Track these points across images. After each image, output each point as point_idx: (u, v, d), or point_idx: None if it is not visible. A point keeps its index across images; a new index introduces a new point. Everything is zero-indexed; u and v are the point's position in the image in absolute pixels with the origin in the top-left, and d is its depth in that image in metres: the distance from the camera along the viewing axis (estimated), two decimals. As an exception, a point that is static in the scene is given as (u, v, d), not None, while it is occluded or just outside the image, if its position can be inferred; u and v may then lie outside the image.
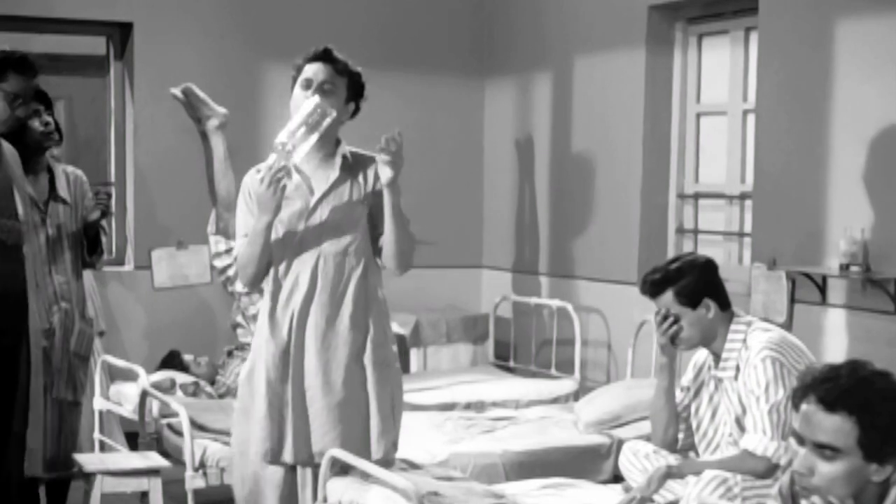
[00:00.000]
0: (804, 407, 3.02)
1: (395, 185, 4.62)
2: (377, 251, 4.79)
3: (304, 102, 4.64)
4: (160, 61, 8.27)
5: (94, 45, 8.58)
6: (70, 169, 5.95)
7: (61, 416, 5.69)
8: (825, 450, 2.97)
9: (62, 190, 5.76)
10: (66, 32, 8.48)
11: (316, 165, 4.76)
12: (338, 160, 4.78)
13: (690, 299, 4.78)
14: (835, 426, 2.96)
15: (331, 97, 4.71)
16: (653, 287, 4.86)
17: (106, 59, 8.55)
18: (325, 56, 4.81)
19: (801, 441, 3.03)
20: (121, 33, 8.43)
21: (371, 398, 4.75)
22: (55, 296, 5.66)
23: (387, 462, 4.78)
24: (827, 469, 2.98)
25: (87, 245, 5.83)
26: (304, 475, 4.74)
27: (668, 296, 4.80)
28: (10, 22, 8.07)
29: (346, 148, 4.85)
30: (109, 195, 5.92)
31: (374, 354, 4.77)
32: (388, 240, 4.70)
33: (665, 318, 4.83)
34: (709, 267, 4.90)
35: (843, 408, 2.96)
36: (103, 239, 5.93)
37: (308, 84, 4.74)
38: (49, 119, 5.76)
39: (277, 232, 4.71)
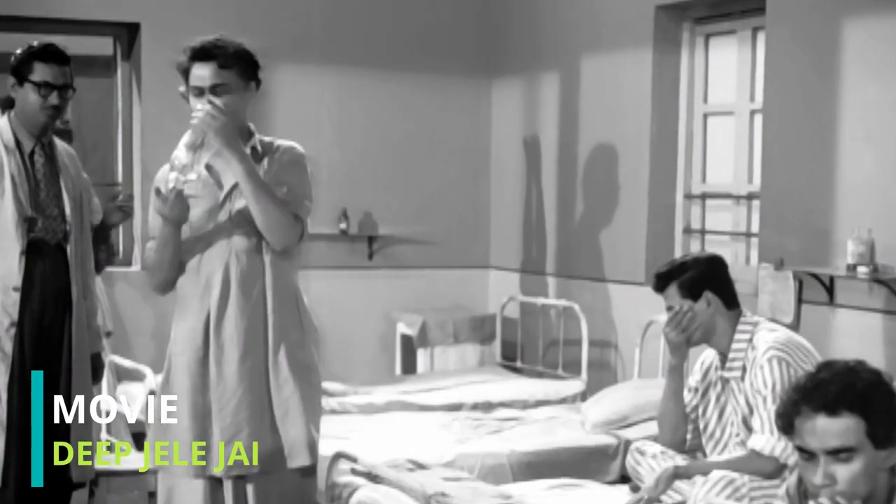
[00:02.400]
0: (805, 423, 3.01)
1: (229, 151, 4.35)
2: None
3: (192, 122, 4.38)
4: (167, 62, 8.20)
5: (101, 45, 8.59)
6: None
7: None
8: (841, 453, 2.97)
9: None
10: (72, 33, 8.45)
11: (227, 159, 4.42)
12: (247, 152, 4.47)
13: (691, 291, 4.81)
14: (843, 427, 2.96)
15: (226, 95, 4.44)
16: (658, 281, 4.91)
17: (113, 60, 8.56)
18: (206, 54, 4.48)
19: (809, 456, 3.02)
20: (128, 34, 8.44)
21: (296, 404, 4.47)
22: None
23: (313, 468, 4.57)
24: (847, 471, 2.97)
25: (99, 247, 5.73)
26: (229, 487, 4.46)
27: (672, 289, 4.84)
28: (17, 22, 8.08)
29: (257, 139, 4.58)
30: (132, 197, 5.76)
31: (294, 357, 4.49)
32: (252, 213, 4.40)
33: (676, 314, 4.84)
34: (714, 262, 4.95)
35: (844, 407, 2.96)
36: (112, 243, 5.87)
37: (199, 92, 4.45)
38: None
39: (185, 233, 4.48)
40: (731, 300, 4.88)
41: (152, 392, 6.32)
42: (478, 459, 6.17)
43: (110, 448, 6.78)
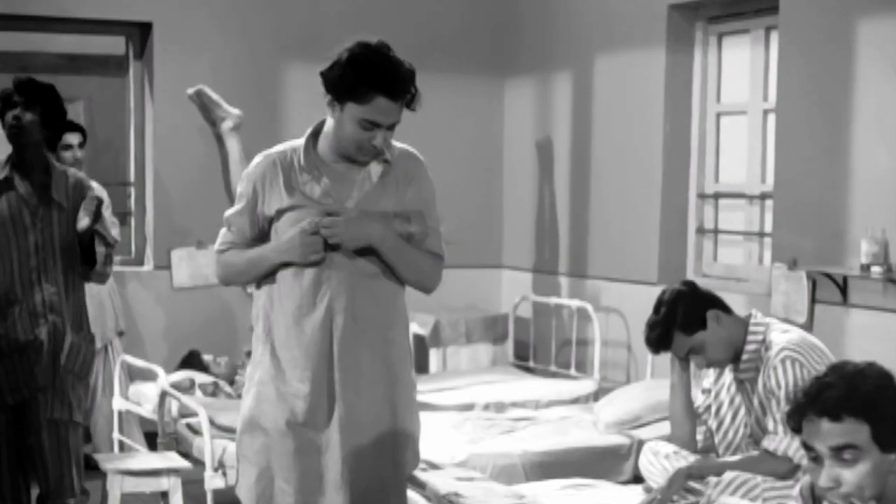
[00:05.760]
0: (809, 426, 3.00)
1: (380, 245, 4.04)
2: None
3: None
4: (179, 61, 8.28)
5: (114, 44, 8.59)
6: (72, 171, 5.46)
7: (58, 438, 5.23)
8: (845, 451, 2.96)
9: (57, 193, 5.26)
10: (85, 32, 8.49)
11: (346, 167, 4.08)
12: (374, 165, 4.10)
13: (696, 324, 4.75)
14: (846, 431, 2.95)
15: (393, 130, 4.06)
16: (660, 342, 4.83)
17: (125, 59, 8.56)
18: (401, 93, 4.00)
19: (816, 458, 3.01)
20: (140, 33, 8.44)
21: (413, 444, 4.22)
22: (43, 307, 5.20)
23: None
24: (851, 474, 2.96)
25: (81, 255, 5.29)
26: None
27: (679, 336, 4.77)
28: (30, 22, 8.10)
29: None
30: (98, 199, 5.24)
31: (409, 394, 4.23)
32: (397, 272, 4.13)
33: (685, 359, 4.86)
34: (690, 286, 4.91)
35: (847, 413, 2.95)
36: (101, 249, 5.33)
37: (374, 126, 3.96)
38: (18, 114, 5.22)
39: None
40: (725, 307, 4.86)
41: (165, 392, 6.34)
42: (490, 459, 6.16)
43: (122, 447, 6.79)
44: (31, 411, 5.18)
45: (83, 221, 5.17)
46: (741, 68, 7.40)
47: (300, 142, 4.12)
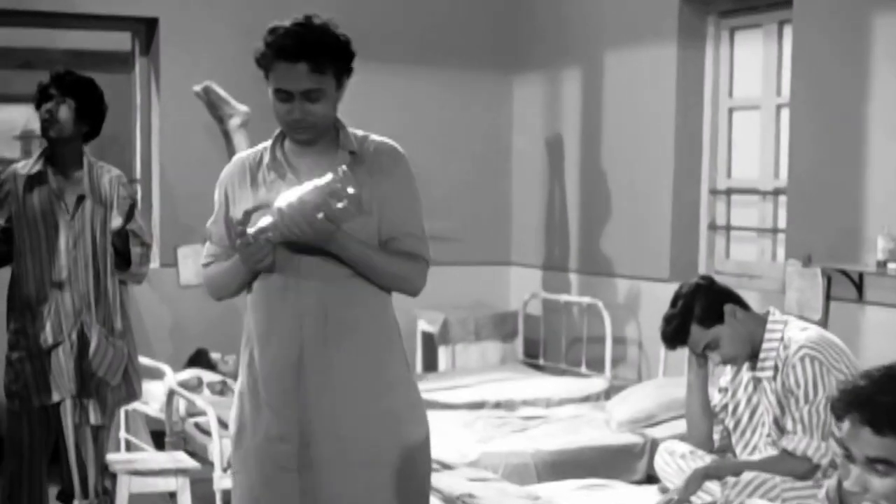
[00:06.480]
0: (849, 425, 2.93)
1: (336, 244, 3.63)
2: None
3: (328, 180, 3.51)
4: (186, 57, 8.23)
5: (120, 41, 8.56)
6: (108, 167, 5.34)
7: (83, 440, 5.19)
8: (878, 463, 2.90)
9: (91, 190, 5.17)
10: (90, 28, 8.45)
11: (313, 161, 3.77)
12: (341, 156, 3.76)
13: (713, 318, 4.70)
14: (885, 445, 2.89)
15: (319, 103, 3.74)
16: (676, 335, 4.78)
17: (131, 56, 8.53)
18: (294, 54, 3.79)
19: (850, 457, 2.95)
20: (146, 29, 8.40)
21: (409, 453, 3.80)
22: (72, 307, 5.13)
23: None
24: (880, 485, 2.90)
25: (115, 255, 5.22)
26: None
27: (696, 330, 4.72)
28: (36, 17, 8.06)
29: (350, 135, 3.82)
30: (132, 200, 5.21)
31: (400, 398, 3.80)
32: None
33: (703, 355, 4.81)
34: (707, 282, 4.86)
35: (891, 429, 2.88)
36: (137, 249, 5.25)
37: (287, 97, 3.75)
38: (51, 107, 5.18)
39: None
40: (744, 304, 4.80)
41: (172, 390, 6.29)
42: (502, 458, 6.12)
43: (129, 446, 6.75)
44: (57, 414, 5.13)
45: (115, 221, 5.11)
46: (754, 63, 7.35)
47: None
